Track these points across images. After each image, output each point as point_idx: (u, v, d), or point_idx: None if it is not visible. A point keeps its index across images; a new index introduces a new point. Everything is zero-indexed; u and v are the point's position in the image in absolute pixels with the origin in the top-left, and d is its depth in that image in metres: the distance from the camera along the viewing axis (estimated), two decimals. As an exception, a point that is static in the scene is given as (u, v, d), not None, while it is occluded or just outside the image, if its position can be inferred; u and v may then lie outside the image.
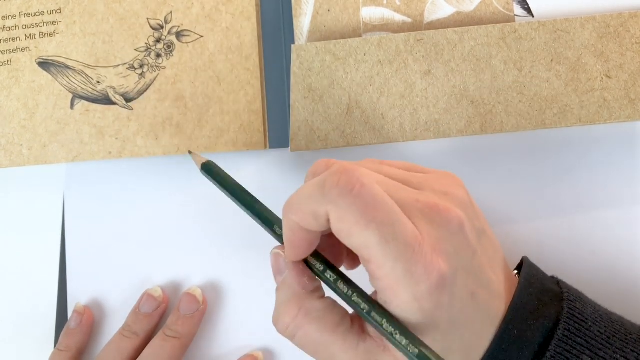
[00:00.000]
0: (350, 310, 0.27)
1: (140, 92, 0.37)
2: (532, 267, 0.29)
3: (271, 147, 0.37)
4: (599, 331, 0.27)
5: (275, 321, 0.28)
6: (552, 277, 0.30)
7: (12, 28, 0.38)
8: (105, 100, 0.37)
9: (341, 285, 0.26)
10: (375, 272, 0.25)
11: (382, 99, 0.35)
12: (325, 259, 0.27)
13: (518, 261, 0.32)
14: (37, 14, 0.38)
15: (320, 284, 0.28)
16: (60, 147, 0.37)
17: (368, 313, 0.25)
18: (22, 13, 0.38)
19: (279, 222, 0.28)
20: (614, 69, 0.34)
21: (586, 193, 0.36)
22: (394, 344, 0.25)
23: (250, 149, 0.37)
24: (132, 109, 0.37)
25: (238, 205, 0.30)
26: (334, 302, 0.27)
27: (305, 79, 0.35)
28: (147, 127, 0.37)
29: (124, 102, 0.37)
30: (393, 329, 0.25)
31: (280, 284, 0.28)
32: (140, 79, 0.37)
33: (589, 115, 0.34)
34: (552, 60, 0.34)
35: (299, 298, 0.27)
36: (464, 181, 0.29)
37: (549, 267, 0.31)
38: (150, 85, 0.37)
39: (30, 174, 0.39)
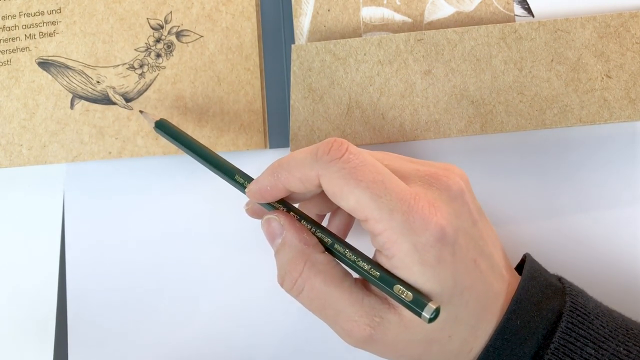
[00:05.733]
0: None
1: (140, 92, 0.37)
2: (535, 262, 0.30)
3: (271, 147, 0.37)
4: (601, 325, 0.27)
5: (282, 280, 0.28)
6: (554, 275, 0.30)
7: (12, 28, 0.38)
8: (105, 100, 0.37)
9: (319, 234, 0.28)
10: (374, 228, 0.25)
11: (382, 98, 0.35)
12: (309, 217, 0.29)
13: (519, 260, 0.32)
14: (37, 13, 0.38)
15: (318, 241, 0.29)
16: (60, 147, 0.37)
17: (350, 258, 0.27)
18: (22, 13, 0.38)
19: (239, 172, 0.30)
20: (614, 68, 0.34)
21: (586, 193, 0.36)
22: (374, 283, 0.26)
23: (250, 149, 0.37)
24: (132, 109, 0.37)
25: (196, 159, 0.31)
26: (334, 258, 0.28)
27: (305, 79, 0.35)
28: (147, 127, 0.37)
29: (123, 102, 0.37)
30: (369, 266, 0.26)
31: (280, 245, 0.28)
32: (140, 79, 0.37)
33: (589, 115, 0.34)
34: (552, 60, 0.34)
35: (303, 253, 0.28)
36: (464, 181, 0.29)
37: (549, 266, 0.31)
38: (150, 85, 0.37)
39: (30, 174, 0.39)
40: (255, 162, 0.38)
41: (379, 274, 0.26)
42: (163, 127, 0.33)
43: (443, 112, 0.35)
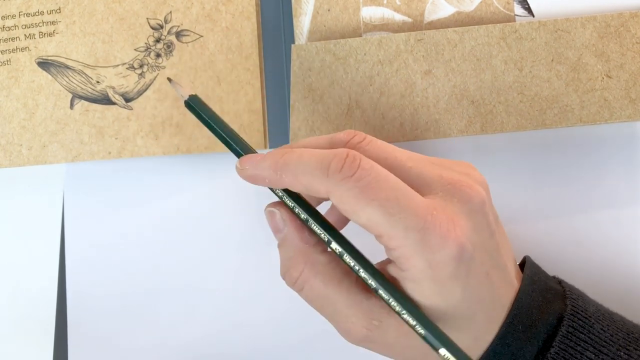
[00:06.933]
0: None
1: (140, 92, 0.37)
2: (535, 266, 0.30)
3: (271, 147, 0.37)
4: (601, 329, 0.27)
5: (284, 275, 0.28)
6: (554, 277, 0.30)
7: (12, 28, 0.38)
8: (105, 100, 0.37)
9: (334, 246, 0.27)
10: (388, 244, 0.25)
11: (382, 98, 0.35)
12: (323, 219, 0.27)
13: (519, 261, 0.32)
14: (37, 13, 0.38)
15: (319, 240, 0.28)
16: (60, 147, 0.37)
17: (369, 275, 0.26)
18: (22, 13, 0.38)
19: None
20: (615, 68, 0.34)
21: (586, 193, 0.36)
22: (404, 319, 0.25)
23: (250, 149, 0.37)
24: (132, 109, 0.37)
25: (222, 142, 0.29)
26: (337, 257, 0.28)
27: (305, 79, 0.35)
28: (146, 127, 0.37)
29: (123, 102, 0.37)
30: (400, 308, 0.25)
31: (282, 240, 0.28)
32: (139, 78, 0.37)
33: (590, 115, 0.34)
34: (552, 60, 0.34)
35: (303, 253, 0.27)
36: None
37: (549, 266, 0.31)
38: (149, 85, 0.37)
39: (30, 174, 0.39)
40: (255, 162, 0.38)
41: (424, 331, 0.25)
42: (195, 104, 0.30)
43: (443, 112, 0.35)
